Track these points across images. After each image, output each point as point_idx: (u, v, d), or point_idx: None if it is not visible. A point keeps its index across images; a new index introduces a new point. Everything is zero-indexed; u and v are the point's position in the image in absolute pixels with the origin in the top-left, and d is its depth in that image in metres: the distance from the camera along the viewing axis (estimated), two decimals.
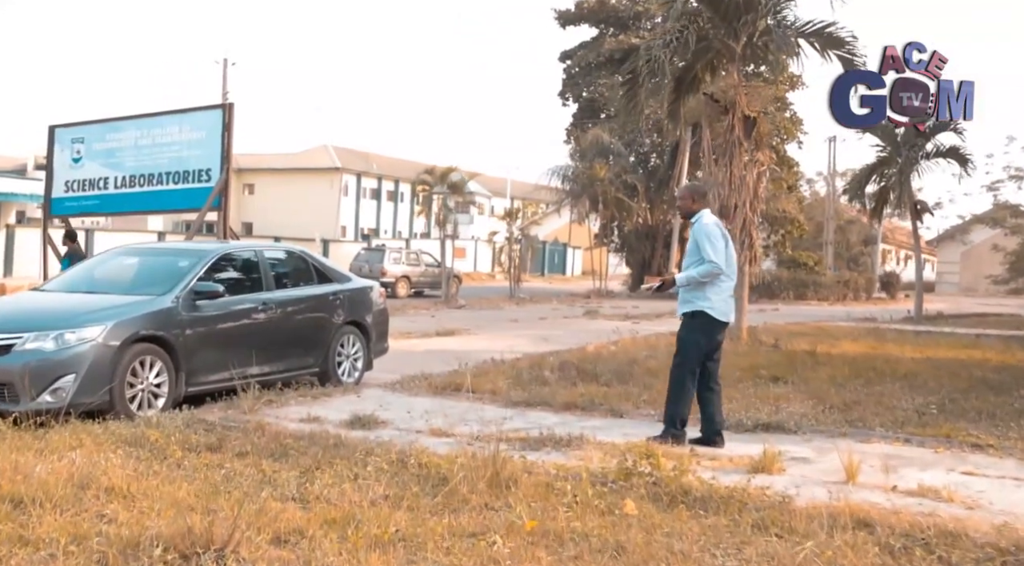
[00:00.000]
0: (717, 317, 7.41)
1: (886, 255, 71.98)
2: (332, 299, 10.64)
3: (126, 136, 17.83)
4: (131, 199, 17.66)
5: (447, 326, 19.89)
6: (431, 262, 36.01)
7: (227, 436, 7.15)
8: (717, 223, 7.57)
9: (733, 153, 15.41)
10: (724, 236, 7.46)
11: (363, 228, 65.02)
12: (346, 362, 10.78)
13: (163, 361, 8.54)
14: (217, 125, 16.65)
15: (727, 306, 7.49)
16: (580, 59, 44.25)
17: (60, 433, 6.85)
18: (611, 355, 13.39)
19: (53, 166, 18.72)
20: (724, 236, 7.46)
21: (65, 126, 18.76)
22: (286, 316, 9.99)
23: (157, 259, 9.97)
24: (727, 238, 7.50)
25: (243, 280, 9.94)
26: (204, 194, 16.58)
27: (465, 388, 9.95)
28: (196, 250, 9.79)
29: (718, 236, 7.37)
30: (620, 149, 39.05)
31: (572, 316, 25.34)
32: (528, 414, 8.96)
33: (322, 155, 65.29)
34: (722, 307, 7.43)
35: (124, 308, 8.54)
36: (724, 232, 7.52)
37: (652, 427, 8.45)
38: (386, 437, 7.46)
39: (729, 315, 7.57)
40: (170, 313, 8.72)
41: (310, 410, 8.71)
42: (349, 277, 11.26)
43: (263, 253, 10.24)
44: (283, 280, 10.39)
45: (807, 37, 15.09)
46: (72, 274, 9.95)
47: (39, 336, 7.93)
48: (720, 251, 7.32)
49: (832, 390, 10.53)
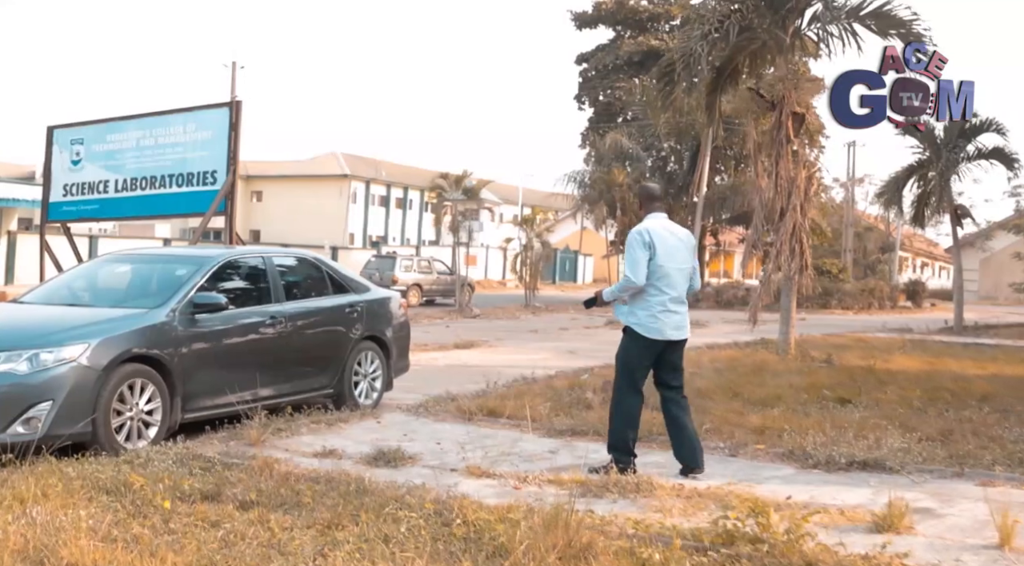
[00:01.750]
0: (645, 334, 6.65)
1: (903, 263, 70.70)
2: (349, 311, 9.46)
3: (127, 137, 16.67)
4: (132, 203, 16.50)
5: (465, 337, 18.70)
6: (443, 270, 34.83)
7: (227, 478, 5.97)
8: (647, 230, 6.69)
9: (780, 152, 14.21)
10: (650, 245, 6.61)
11: (372, 235, 64.07)
12: (363, 382, 9.59)
13: (156, 385, 7.36)
14: (224, 124, 15.49)
15: (659, 322, 6.66)
16: (597, 62, 43.17)
17: (25, 477, 5.66)
18: None
19: (51, 169, 17.56)
20: (650, 245, 6.61)
21: (64, 127, 17.60)
22: (297, 331, 8.81)
23: (152, 267, 8.78)
24: (654, 247, 6.61)
25: (249, 290, 8.78)
26: (209, 197, 15.42)
27: (502, 413, 8.80)
28: (196, 257, 8.61)
29: (637, 246, 6.62)
30: (639, 153, 37.84)
31: (593, 326, 24.16)
32: (576, 446, 7.77)
33: (331, 162, 64.48)
34: (650, 323, 6.65)
35: (111, 323, 7.37)
36: (654, 240, 6.63)
37: (723, 463, 7.27)
38: (417, 478, 6.28)
39: (667, 332, 6.69)
40: (165, 329, 7.55)
41: (325, 441, 7.54)
42: (367, 286, 10.06)
43: (272, 260, 9.07)
44: (294, 290, 9.21)
45: (863, 20, 13.87)
46: (55, 284, 8.75)
47: (10, 356, 6.75)
48: (637, 263, 6.58)
49: (912, 415, 9.32)
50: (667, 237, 6.74)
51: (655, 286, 6.62)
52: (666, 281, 6.65)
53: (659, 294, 6.64)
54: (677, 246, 6.77)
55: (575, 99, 44.63)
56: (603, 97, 43.53)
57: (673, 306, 6.70)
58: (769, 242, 40.30)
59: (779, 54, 14.74)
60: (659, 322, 6.64)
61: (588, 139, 42.32)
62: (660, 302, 6.63)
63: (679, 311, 6.77)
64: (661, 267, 6.62)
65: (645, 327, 6.64)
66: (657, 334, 6.65)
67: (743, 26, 14.57)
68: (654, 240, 6.63)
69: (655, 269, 6.60)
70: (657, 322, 6.63)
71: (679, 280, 6.75)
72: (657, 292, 6.63)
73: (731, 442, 7.93)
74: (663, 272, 6.63)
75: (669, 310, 6.67)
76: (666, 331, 6.68)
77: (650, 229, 6.69)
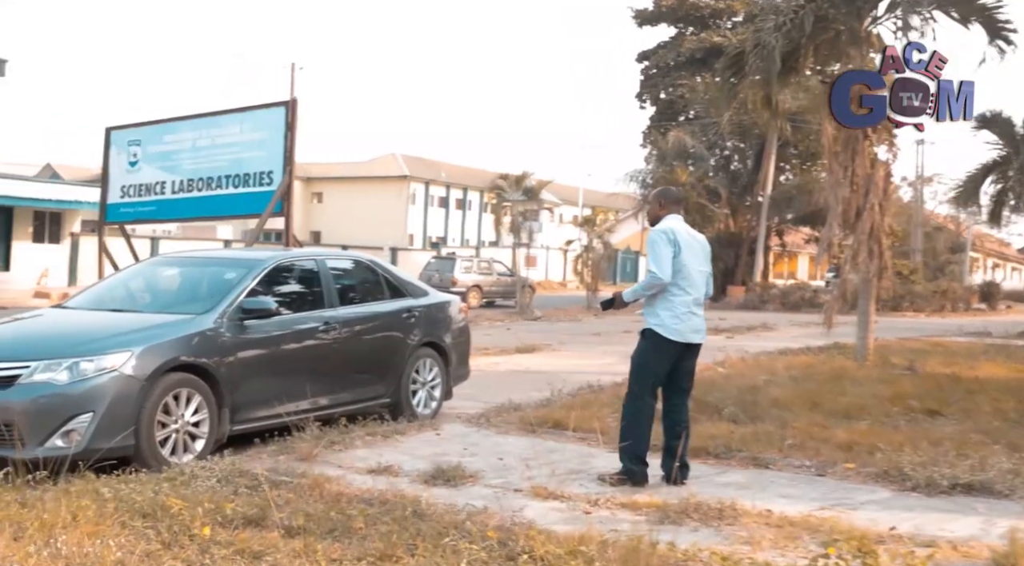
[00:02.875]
0: (667, 336, 6.43)
1: (973, 263, 68.68)
2: (406, 317, 9.00)
3: (183, 137, 16.55)
4: (189, 204, 16.35)
5: (527, 341, 18.18)
6: (503, 271, 34.41)
7: (274, 499, 5.53)
8: (672, 230, 6.52)
9: (856, 148, 13.46)
10: (675, 243, 6.45)
11: (431, 237, 63.98)
12: (422, 391, 9.13)
13: (203, 395, 6.96)
14: (280, 124, 15.25)
15: (683, 324, 6.45)
16: (658, 59, 42.34)
17: (57, 498, 5.27)
18: (724, 380, 11.56)
19: (109, 170, 17.52)
20: (675, 243, 6.45)
21: (121, 128, 17.55)
22: (352, 338, 8.38)
23: (200, 270, 8.40)
24: (679, 245, 6.45)
25: (301, 295, 8.37)
26: (265, 199, 15.19)
27: (569, 425, 8.27)
28: (245, 259, 8.22)
29: (663, 243, 6.43)
30: (702, 152, 37.01)
31: None
32: (650, 463, 7.21)
33: (390, 163, 64.54)
34: (674, 325, 6.43)
35: (156, 330, 6.99)
36: (679, 239, 6.48)
37: (810, 483, 6.68)
38: (478, 500, 5.79)
39: (688, 335, 6.50)
40: (212, 336, 7.15)
41: (380, 456, 7.08)
42: (425, 290, 9.60)
43: (325, 263, 8.64)
44: (349, 294, 8.78)
45: (944, 6, 13.10)
46: (100, 288, 8.41)
47: (49, 365, 6.40)
48: (663, 260, 6.39)
49: (1010, 429, 8.60)
50: (689, 239, 6.61)
51: (679, 286, 6.45)
52: (689, 281, 6.49)
53: (683, 294, 6.46)
54: (697, 249, 6.65)
55: (636, 98, 43.89)
56: (665, 95, 42.69)
57: (696, 308, 6.55)
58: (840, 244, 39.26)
59: (852, 46, 14.03)
60: (682, 324, 6.45)
61: (649, 138, 41.56)
62: (684, 303, 6.45)
63: (700, 314, 6.61)
64: (685, 266, 6.47)
65: (668, 329, 6.42)
66: (679, 336, 6.45)
67: (818, 16, 13.87)
68: (678, 239, 6.48)
69: (679, 268, 6.44)
70: (680, 324, 6.44)
71: (700, 282, 6.61)
72: (681, 292, 6.46)
73: (817, 460, 7.31)
74: (687, 272, 6.48)
75: (692, 312, 6.51)
76: (687, 334, 6.49)
77: (674, 229, 6.54)
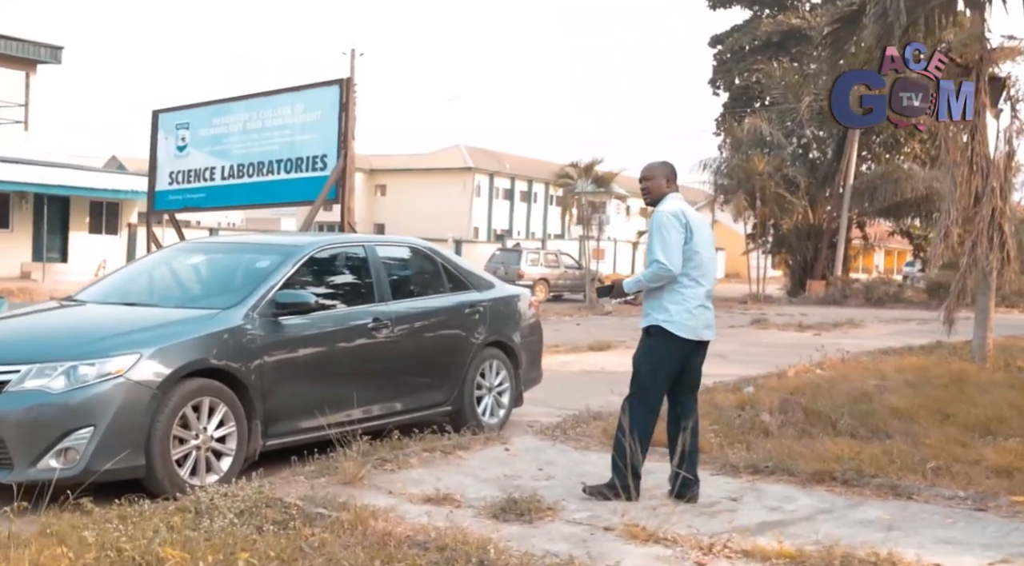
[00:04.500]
0: (676, 333, 5.61)
1: None
2: (469, 312, 7.80)
3: (234, 120, 15.49)
4: (239, 191, 15.30)
5: (598, 337, 16.91)
6: (570, 263, 33.12)
7: (306, 542, 4.38)
8: (682, 211, 5.66)
9: (976, 124, 11.94)
10: (686, 227, 5.61)
11: (496, 229, 63.00)
12: (487, 397, 7.92)
13: (229, 405, 5.85)
14: (334, 104, 14.10)
15: (694, 320, 5.63)
16: (732, 44, 40.61)
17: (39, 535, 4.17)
18: (828, 384, 10.17)
19: (157, 156, 16.56)
20: (686, 227, 5.61)
21: (169, 110, 16.55)
22: (407, 336, 7.20)
23: (229, 258, 7.27)
24: (690, 230, 5.62)
25: (347, 287, 7.20)
26: (319, 184, 14.08)
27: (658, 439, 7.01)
28: (281, 246, 7.08)
29: (672, 227, 5.57)
30: (780, 140, 35.21)
31: (738, 325, 22.00)
32: (764, 490, 5.94)
33: (454, 155, 63.73)
34: (685, 320, 5.61)
35: (173, 327, 5.88)
36: (690, 223, 5.64)
37: (971, 522, 5.34)
38: (560, 544, 4.60)
39: (699, 331, 5.67)
40: (241, 334, 6.03)
41: (439, 479, 5.90)
42: (491, 282, 8.38)
43: (375, 250, 7.40)
44: (403, 286, 7.61)
45: None
46: (116, 279, 7.29)
47: (43, 369, 5.33)
48: (672, 247, 5.53)
49: None
50: (698, 222, 5.74)
51: (690, 276, 5.62)
52: (702, 271, 5.67)
53: (696, 286, 5.64)
54: (706, 233, 5.80)
55: (709, 84, 42.19)
56: (739, 81, 40.95)
57: (707, 301, 5.74)
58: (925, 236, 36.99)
59: (973, 8, 12.49)
60: (694, 319, 5.62)
61: (723, 126, 39.84)
62: (696, 296, 5.63)
63: (711, 308, 5.80)
64: (698, 254, 5.65)
65: (679, 325, 5.59)
66: (691, 334, 5.62)
67: None
68: (689, 221, 5.63)
69: (691, 256, 5.62)
70: (693, 319, 5.61)
71: (712, 272, 5.81)
72: (693, 284, 5.63)
73: (972, 490, 5.95)
74: (699, 260, 5.66)
75: (704, 306, 5.69)
76: (700, 330, 5.67)
77: (684, 209, 5.68)
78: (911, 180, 33.20)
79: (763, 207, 33.87)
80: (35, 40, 28.76)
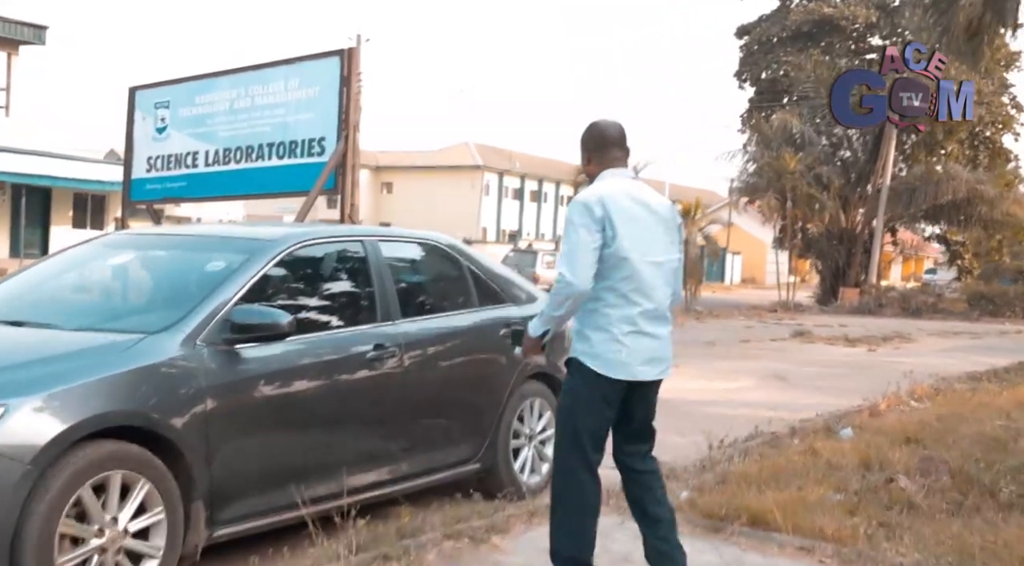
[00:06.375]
0: (600, 371, 3.87)
1: None
2: (505, 334, 5.76)
3: (219, 97, 13.49)
4: (225, 179, 13.33)
5: None
6: None
7: None
8: (600, 199, 3.87)
9: None
10: (602, 221, 3.83)
11: (505, 229, 61.16)
12: (526, 449, 5.89)
13: (154, 481, 3.84)
14: (334, 79, 12.13)
15: (624, 351, 3.86)
16: (760, 34, 38.54)
17: None
18: (941, 424, 8.13)
19: (133, 139, 14.57)
20: (602, 221, 3.83)
21: (147, 87, 14.52)
22: (422, 369, 5.17)
23: (168, 257, 5.19)
24: (611, 223, 3.84)
25: (340, 300, 5.19)
26: (316, 171, 12.10)
27: (767, 519, 5.01)
28: (244, 239, 5.01)
29: (579, 225, 3.83)
30: (812, 137, 33.12)
31: (778, 338, 20.03)
32: None
33: (463, 152, 61.94)
34: (610, 353, 3.87)
35: (66, 363, 3.86)
36: (610, 213, 3.85)
37: None
38: None
39: (633, 368, 3.88)
40: (175, 372, 4.02)
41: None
42: (532, 293, 6.26)
43: (379, 249, 5.26)
44: (417, 299, 5.60)
45: None
46: (13, 285, 5.18)
47: None
48: (578, 253, 3.80)
49: None
50: (632, 210, 3.94)
51: (617, 290, 3.88)
52: (635, 283, 3.89)
53: (625, 304, 3.88)
54: (650, 225, 3.98)
55: (735, 76, 40.06)
56: (767, 74, 38.88)
57: (646, 324, 3.92)
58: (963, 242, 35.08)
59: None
60: (625, 351, 3.87)
61: (750, 121, 37.78)
62: (625, 317, 3.89)
63: (656, 334, 3.96)
64: (625, 260, 3.86)
65: (602, 360, 3.87)
66: (620, 371, 3.87)
67: None
68: (610, 214, 3.86)
69: (615, 263, 3.86)
70: (622, 351, 3.86)
71: (655, 281, 3.95)
72: (621, 301, 3.88)
73: None
74: (628, 267, 3.88)
75: (643, 332, 3.91)
76: (633, 366, 3.89)
77: (604, 197, 3.89)
78: (953, 181, 31.22)
79: (794, 208, 31.90)
80: (17, 19, 26.81)
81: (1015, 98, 36.90)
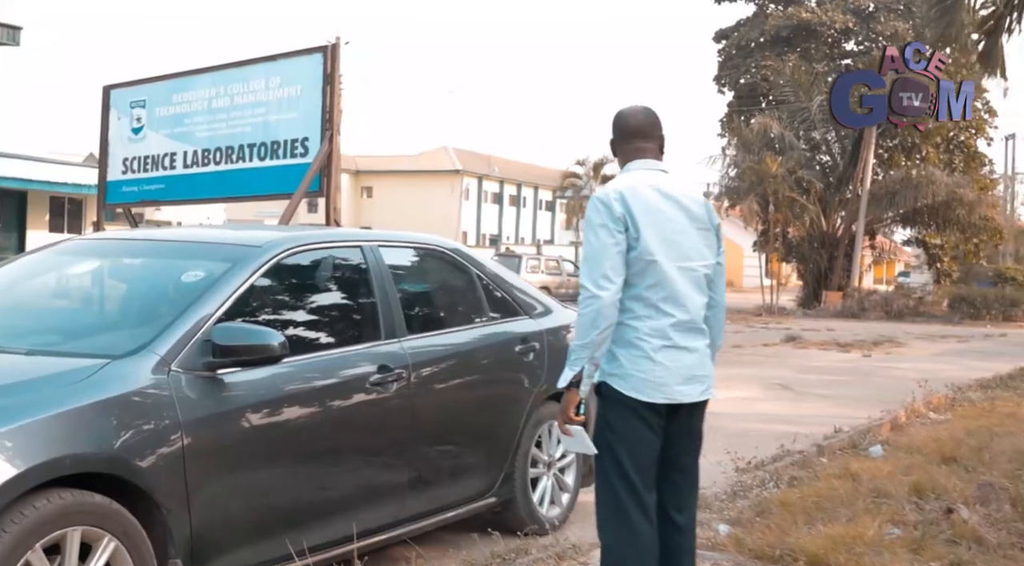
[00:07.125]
0: (630, 393, 3.29)
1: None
2: (522, 351, 5.12)
3: (197, 96, 12.88)
4: (204, 181, 12.70)
5: None
6: (572, 270, 30.60)
7: None
8: (620, 194, 3.33)
9: None
10: (625, 221, 3.29)
11: (485, 234, 60.69)
12: (545, 478, 5.27)
13: (120, 537, 3.20)
14: (317, 77, 11.58)
15: (659, 369, 3.30)
16: (739, 39, 38.17)
17: None
18: (973, 439, 7.60)
19: (108, 139, 13.88)
20: (625, 221, 3.29)
21: (122, 86, 13.87)
22: (430, 392, 4.53)
23: (139, 265, 4.51)
24: (633, 221, 3.30)
25: (337, 314, 4.55)
26: (299, 173, 11.50)
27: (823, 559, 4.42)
28: (227, 245, 4.32)
29: (597, 226, 3.30)
30: (792, 141, 32.75)
31: (771, 343, 19.66)
32: None
33: (441, 157, 61.52)
34: (643, 372, 3.30)
35: (15, 395, 3.20)
36: (632, 211, 3.31)
37: None
38: None
39: (670, 389, 3.32)
40: (146, 404, 3.37)
41: None
42: (547, 305, 5.61)
43: (380, 256, 4.58)
44: (425, 312, 4.98)
45: None
46: None
47: None
48: (598, 259, 3.27)
49: None
50: (659, 206, 3.38)
51: (643, 299, 3.34)
52: (663, 290, 3.35)
53: (652, 315, 3.34)
54: (680, 224, 3.43)
55: (714, 81, 39.65)
56: (745, 79, 38.45)
57: (681, 337, 3.37)
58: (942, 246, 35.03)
59: None
60: (660, 369, 3.31)
61: (729, 125, 37.37)
62: (656, 330, 3.33)
63: (693, 347, 3.40)
64: (653, 263, 3.32)
65: (635, 381, 3.30)
66: (655, 392, 3.30)
67: None
68: (632, 210, 3.31)
69: (641, 268, 3.32)
70: (657, 369, 3.30)
71: (688, 289, 3.40)
72: (648, 312, 3.34)
73: None
74: (656, 273, 3.33)
75: (675, 345, 3.35)
76: (671, 386, 3.33)
77: (624, 191, 3.35)
78: (933, 185, 30.98)
79: (776, 212, 31.52)
80: None
81: (988, 103, 36.66)
